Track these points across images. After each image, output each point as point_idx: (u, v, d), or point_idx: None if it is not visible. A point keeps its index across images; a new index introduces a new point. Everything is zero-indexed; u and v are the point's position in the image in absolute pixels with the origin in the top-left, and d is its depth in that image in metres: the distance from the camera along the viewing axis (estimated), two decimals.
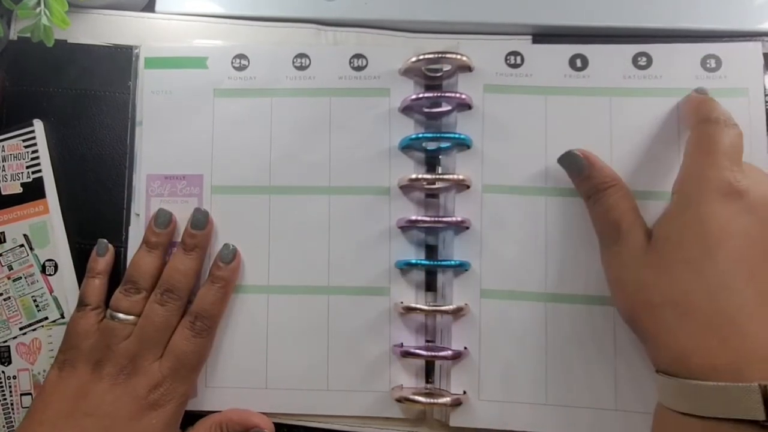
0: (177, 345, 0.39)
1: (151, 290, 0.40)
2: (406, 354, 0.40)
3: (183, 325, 0.40)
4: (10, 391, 0.42)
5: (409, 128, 0.43)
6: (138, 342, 0.39)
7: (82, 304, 0.40)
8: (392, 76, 0.43)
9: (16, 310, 0.43)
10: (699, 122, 0.37)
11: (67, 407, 0.37)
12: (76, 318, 0.40)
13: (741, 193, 0.33)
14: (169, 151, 0.44)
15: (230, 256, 0.41)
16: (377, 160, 0.43)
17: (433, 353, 0.40)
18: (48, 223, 0.43)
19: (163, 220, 0.42)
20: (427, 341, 0.42)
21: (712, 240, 0.32)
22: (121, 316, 0.39)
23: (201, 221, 0.41)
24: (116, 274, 0.43)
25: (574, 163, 0.39)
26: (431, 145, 0.42)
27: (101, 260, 0.42)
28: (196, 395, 0.41)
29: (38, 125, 0.44)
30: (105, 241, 0.43)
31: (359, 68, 0.44)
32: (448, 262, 0.41)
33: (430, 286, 0.42)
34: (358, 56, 0.44)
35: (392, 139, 0.43)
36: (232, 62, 0.44)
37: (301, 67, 0.44)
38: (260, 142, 0.43)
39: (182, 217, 0.42)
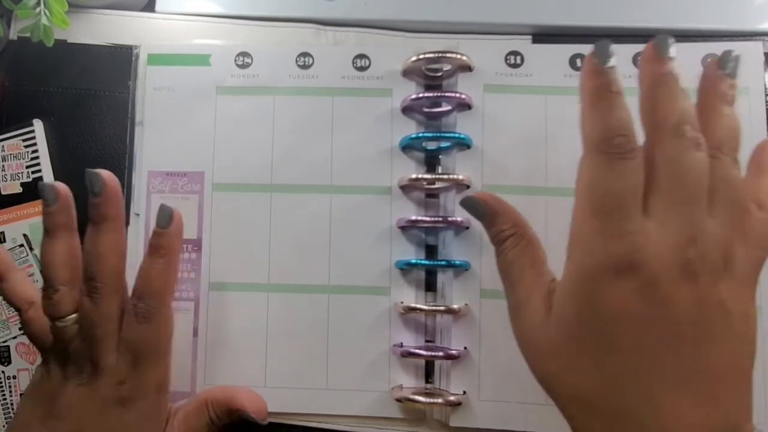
0: (126, 336, 0.36)
1: (74, 281, 0.36)
2: (406, 354, 0.40)
3: (127, 312, 0.36)
4: (10, 391, 0.42)
5: (410, 128, 0.43)
6: (84, 342, 0.35)
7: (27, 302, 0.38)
8: (394, 77, 0.44)
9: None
10: (585, 150, 0.31)
11: (42, 410, 0.36)
12: (27, 319, 0.38)
13: (635, 267, 0.27)
14: (171, 148, 0.44)
15: (167, 219, 0.37)
16: (379, 160, 0.43)
17: (433, 353, 0.40)
18: None
19: (50, 197, 0.36)
20: (427, 341, 0.42)
21: (606, 327, 0.28)
22: (56, 322, 0.36)
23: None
24: None
25: (474, 208, 0.35)
26: (431, 145, 0.42)
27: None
28: (194, 393, 0.41)
29: (38, 125, 0.44)
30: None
31: (362, 68, 0.44)
32: (448, 263, 0.41)
33: (430, 286, 0.42)
34: (361, 56, 0.44)
35: (394, 139, 0.43)
36: (235, 60, 0.44)
37: (304, 66, 0.44)
38: (262, 140, 0.43)
39: (183, 212, 0.41)
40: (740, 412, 0.27)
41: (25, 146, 0.44)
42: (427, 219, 0.41)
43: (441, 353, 0.40)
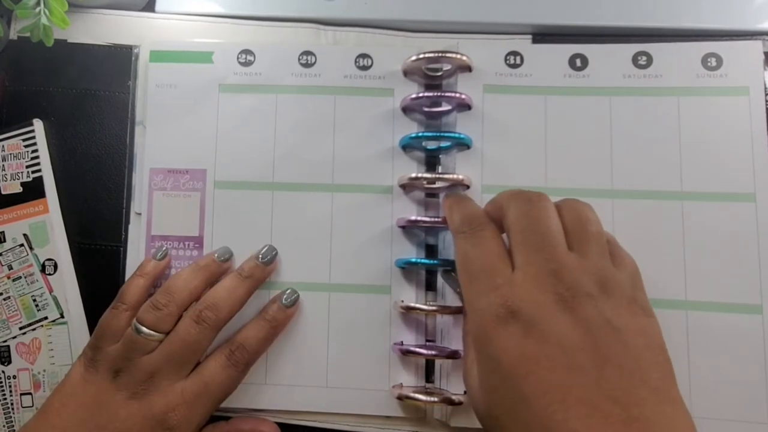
0: (209, 370, 0.37)
1: (183, 309, 0.38)
2: (407, 352, 0.40)
3: (221, 351, 0.38)
4: (10, 391, 0.42)
5: (411, 128, 0.43)
6: (162, 358, 0.37)
7: (119, 300, 0.39)
8: (396, 77, 0.44)
9: (15, 310, 0.43)
10: (453, 237, 0.35)
11: (82, 415, 0.36)
12: (108, 316, 0.39)
13: (514, 312, 0.29)
14: (173, 146, 0.44)
15: (292, 300, 0.40)
16: (380, 159, 0.43)
17: (433, 352, 0.40)
18: (48, 223, 0.43)
19: (225, 252, 0.41)
20: (428, 341, 0.42)
21: (512, 381, 0.28)
22: (144, 330, 0.37)
23: (269, 257, 0.41)
24: (115, 275, 0.43)
25: (452, 281, 0.39)
26: (431, 145, 0.43)
27: (154, 262, 0.41)
28: None
29: (38, 125, 0.44)
30: (167, 249, 0.42)
31: (364, 68, 0.44)
32: (448, 262, 0.41)
33: (430, 285, 0.42)
34: (364, 56, 0.44)
35: (395, 138, 0.43)
36: (237, 58, 0.44)
37: (307, 65, 0.44)
38: (264, 138, 0.43)
39: (183, 210, 0.43)
40: (659, 423, 0.27)
41: (25, 146, 0.44)
42: (427, 219, 0.41)
43: (441, 352, 0.40)
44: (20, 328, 0.43)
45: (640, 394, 0.27)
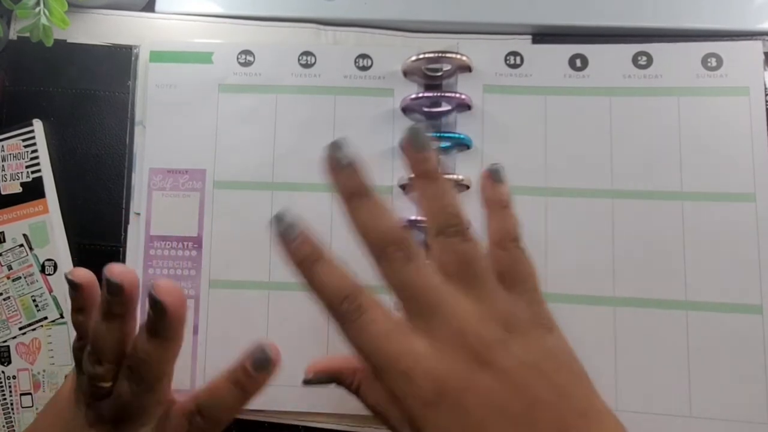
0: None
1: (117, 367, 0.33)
2: None
3: (184, 415, 0.33)
4: (10, 391, 0.42)
5: None
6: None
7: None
8: (396, 77, 0.44)
9: (15, 310, 0.43)
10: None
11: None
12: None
13: (438, 392, 0.27)
14: (172, 146, 0.44)
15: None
16: (380, 159, 0.43)
17: None
18: (47, 223, 0.43)
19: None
20: None
21: None
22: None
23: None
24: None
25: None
26: None
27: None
28: (193, 388, 0.41)
29: (38, 125, 0.44)
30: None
31: (364, 68, 0.44)
32: None
33: None
34: (364, 56, 0.44)
35: (395, 139, 0.43)
36: (237, 58, 0.44)
37: (307, 65, 0.44)
38: (264, 138, 0.43)
39: (183, 210, 0.43)
40: None
41: (25, 146, 0.44)
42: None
43: None
44: (20, 329, 0.43)
45: (569, 419, 0.27)
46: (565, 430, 0.26)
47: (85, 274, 0.34)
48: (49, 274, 0.43)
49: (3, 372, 0.42)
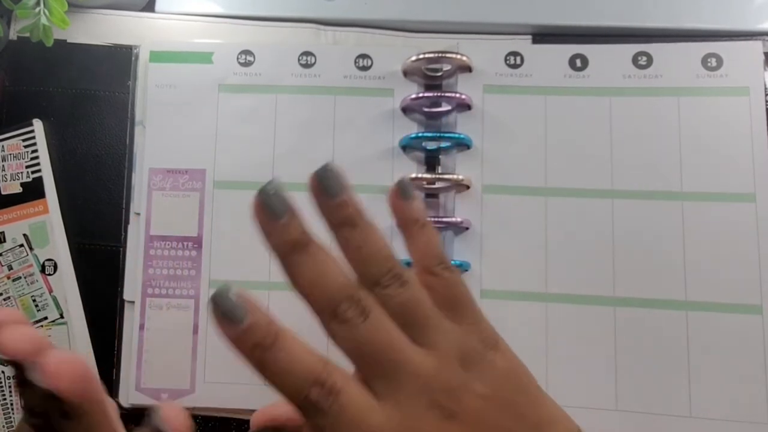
0: None
1: None
2: None
3: None
4: (10, 391, 0.42)
5: (411, 128, 0.43)
6: None
7: None
8: (396, 77, 0.44)
9: None
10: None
11: None
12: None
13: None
14: (172, 146, 0.44)
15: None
16: (380, 159, 0.43)
17: None
18: (47, 223, 0.43)
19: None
20: None
21: None
22: None
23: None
24: (115, 275, 0.43)
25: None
26: (431, 145, 0.42)
27: None
28: (194, 391, 0.41)
29: (38, 125, 0.44)
30: None
31: (364, 68, 0.44)
32: None
33: None
34: (364, 56, 0.44)
35: (395, 139, 0.43)
36: (237, 58, 0.44)
37: (307, 65, 0.44)
38: (264, 138, 0.43)
39: (182, 210, 0.43)
40: None
41: (25, 146, 0.44)
42: None
43: None
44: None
45: None
46: None
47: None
48: (49, 274, 0.43)
49: (3, 372, 0.42)
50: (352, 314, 0.26)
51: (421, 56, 0.42)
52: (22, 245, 0.43)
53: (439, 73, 0.44)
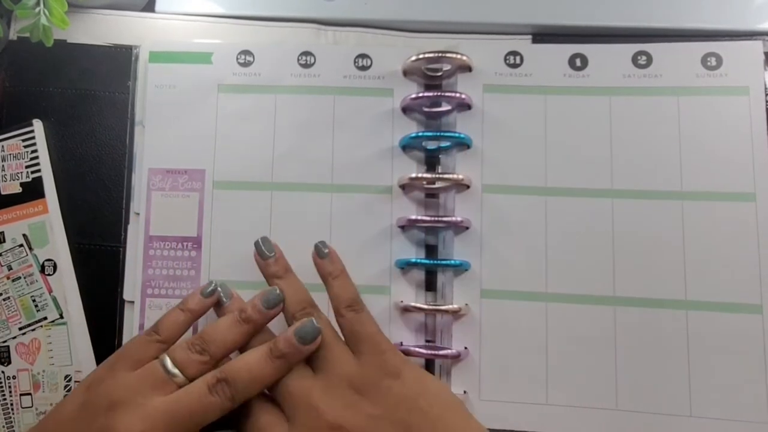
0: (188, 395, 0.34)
1: (218, 361, 0.35)
2: (406, 353, 0.40)
3: (204, 379, 0.34)
4: (10, 391, 0.42)
5: (411, 129, 0.43)
6: (161, 414, 0.33)
7: (153, 330, 0.36)
8: (396, 77, 0.44)
9: (15, 310, 0.43)
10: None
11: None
12: (138, 341, 0.36)
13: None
14: (172, 146, 0.44)
15: (313, 335, 0.35)
16: (379, 159, 0.43)
17: (433, 352, 0.40)
18: (47, 223, 0.43)
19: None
20: (427, 341, 0.42)
21: None
22: (169, 365, 0.34)
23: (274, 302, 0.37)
24: (115, 275, 0.43)
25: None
26: (431, 145, 0.43)
27: (199, 299, 0.37)
28: None
29: (38, 125, 0.44)
30: (215, 285, 0.38)
31: (364, 68, 0.44)
32: (448, 262, 0.41)
33: (430, 285, 0.42)
34: (363, 56, 0.44)
35: (395, 139, 0.43)
36: (237, 58, 0.44)
37: (306, 65, 0.44)
38: (263, 138, 0.43)
39: (182, 210, 0.43)
40: None
41: (25, 146, 0.44)
42: (427, 219, 0.41)
43: (441, 353, 0.40)
44: (20, 329, 0.43)
45: None
46: None
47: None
48: (49, 275, 0.43)
49: (3, 372, 0.42)
50: (301, 317, 0.36)
51: (421, 56, 0.42)
52: (21, 245, 0.43)
53: (439, 73, 0.44)
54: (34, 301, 0.43)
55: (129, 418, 0.32)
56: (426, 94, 0.42)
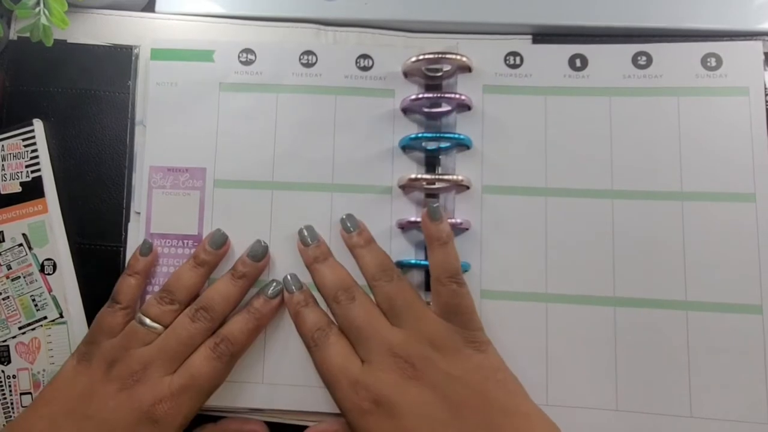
0: (194, 363, 0.38)
1: (186, 306, 0.40)
2: None
3: (206, 345, 0.38)
4: (10, 391, 0.42)
5: (411, 129, 0.43)
6: (156, 351, 0.38)
7: (113, 300, 0.40)
8: (397, 78, 0.44)
9: (15, 310, 0.43)
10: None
11: (71, 405, 0.36)
12: (104, 314, 0.40)
13: (375, 401, 0.35)
14: (173, 144, 0.44)
15: (275, 292, 0.40)
16: (380, 159, 0.43)
17: None
18: (47, 223, 0.43)
19: (217, 240, 0.41)
20: None
21: None
22: (148, 321, 0.38)
23: (259, 253, 0.41)
24: (115, 274, 0.43)
25: None
26: (431, 145, 0.42)
27: (142, 260, 0.41)
28: None
29: (38, 125, 0.44)
30: (150, 242, 0.42)
31: (365, 68, 0.44)
32: None
33: (429, 286, 0.42)
34: (365, 56, 0.44)
35: (395, 139, 0.43)
36: (238, 57, 0.44)
37: (308, 65, 0.44)
38: (264, 137, 0.43)
39: (183, 209, 0.43)
40: None
41: (25, 146, 0.44)
42: None
43: None
44: (19, 328, 0.43)
45: (495, 419, 0.34)
46: (488, 425, 0.33)
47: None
48: (49, 274, 0.43)
49: (3, 371, 0.42)
50: (343, 298, 0.38)
51: (421, 57, 0.42)
52: (21, 245, 0.43)
53: (439, 74, 0.44)
54: (33, 300, 0.43)
55: (126, 366, 0.37)
56: (426, 95, 0.42)
